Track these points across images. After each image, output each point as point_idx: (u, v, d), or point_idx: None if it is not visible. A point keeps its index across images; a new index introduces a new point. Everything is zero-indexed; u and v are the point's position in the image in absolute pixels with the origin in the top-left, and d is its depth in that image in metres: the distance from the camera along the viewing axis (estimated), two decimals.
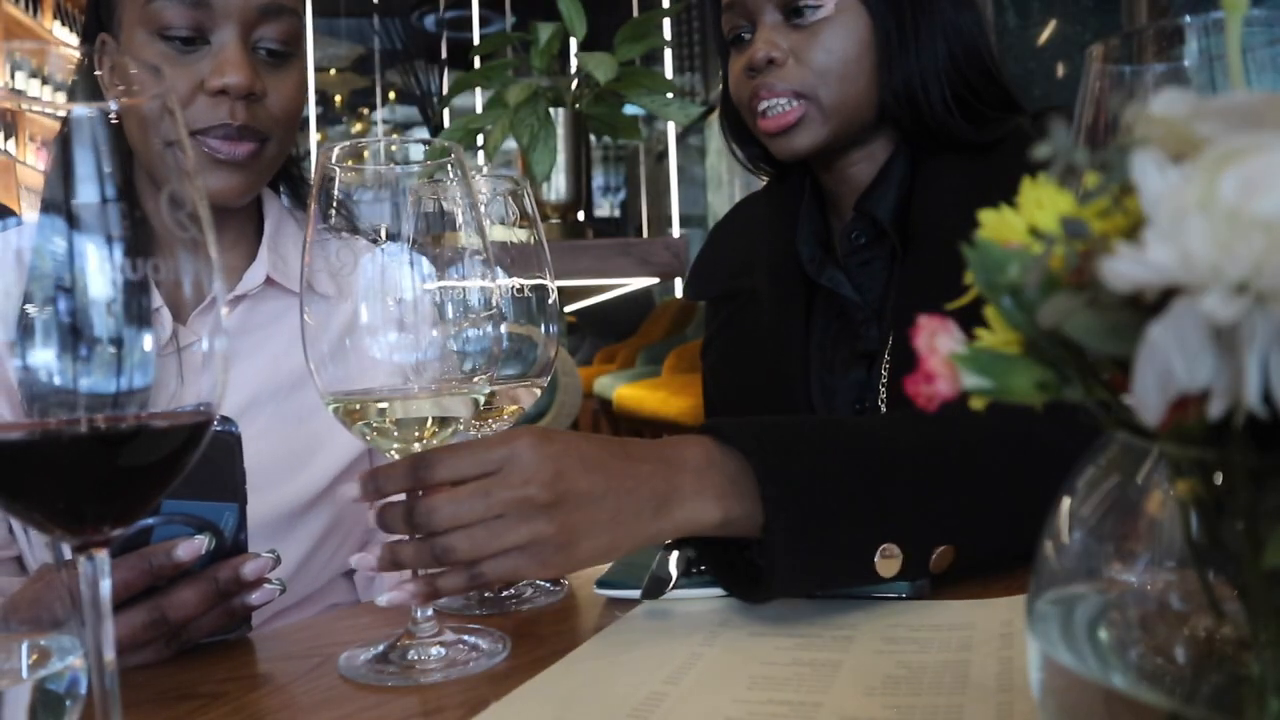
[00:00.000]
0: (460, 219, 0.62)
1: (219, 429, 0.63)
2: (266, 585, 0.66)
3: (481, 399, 0.64)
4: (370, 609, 0.81)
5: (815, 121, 0.97)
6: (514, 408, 0.76)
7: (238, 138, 0.86)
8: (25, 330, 0.36)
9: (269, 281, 0.95)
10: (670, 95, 2.19)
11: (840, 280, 1.03)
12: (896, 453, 0.66)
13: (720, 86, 1.12)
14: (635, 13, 7.07)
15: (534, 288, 0.75)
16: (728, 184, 6.62)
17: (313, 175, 0.65)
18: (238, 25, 0.86)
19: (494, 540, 0.60)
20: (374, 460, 1.03)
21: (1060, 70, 3.21)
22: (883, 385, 0.97)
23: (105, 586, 0.39)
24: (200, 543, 0.62)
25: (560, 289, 2.46)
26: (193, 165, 0.40)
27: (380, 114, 7.79)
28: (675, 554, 0.76)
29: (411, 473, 0.61)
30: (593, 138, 2.22)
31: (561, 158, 2.11)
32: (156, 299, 0.40)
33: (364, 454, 0.99)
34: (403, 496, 0.62)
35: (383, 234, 0.61)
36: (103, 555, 0.39)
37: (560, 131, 2.10)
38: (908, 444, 0.66)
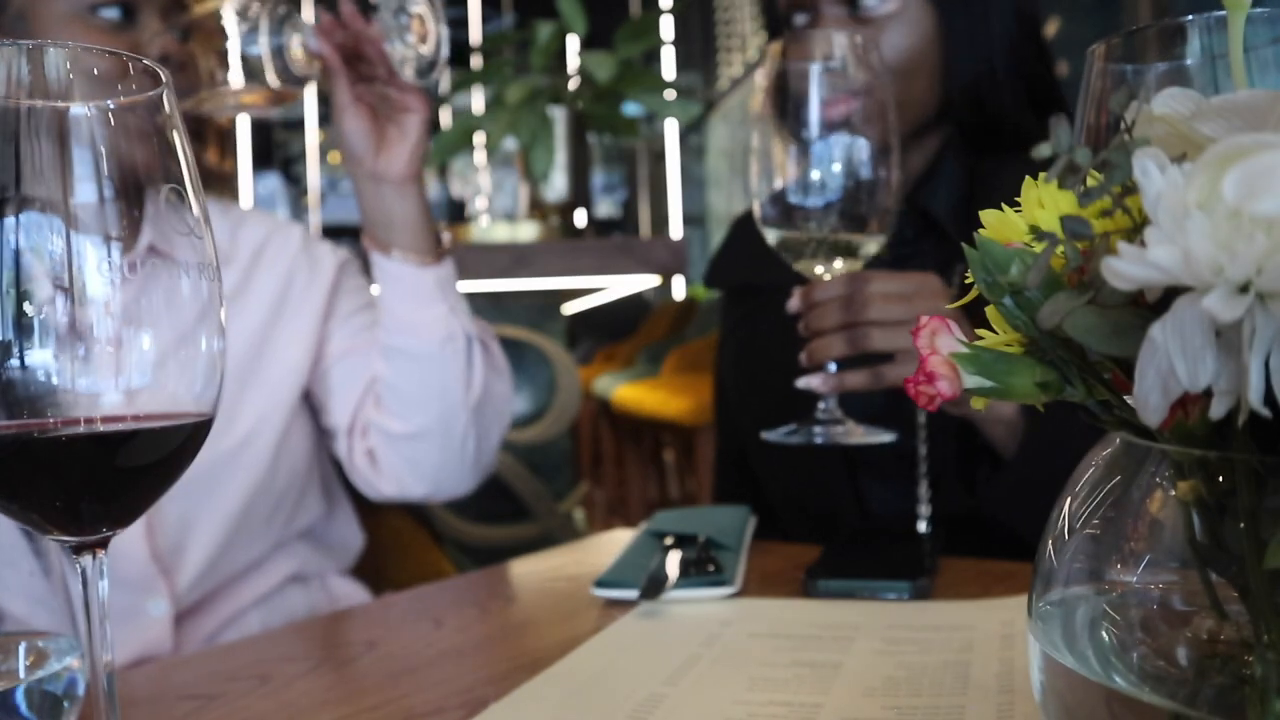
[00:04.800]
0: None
1: None
2: None
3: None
4: (367, 611, 0.81)
5: None
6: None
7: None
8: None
9: (155, 251, 1.01)
10: (670, 94, 2.19)
11: None
12: None
13: (715, 82, 1.10)
14: (635, 12, 7.06)
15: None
16: (727, 184, 6.61)
17: None
18: (159, 10, 0.92)
19: (901, 340, 0.75)
20: (326, 395, 1.02)
21: (1061, 70, 3.22)
22: None
23: (104, 587, 0.39)
24: None
25: (560, 289, 2.45)
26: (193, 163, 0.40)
27: None
28: (674, 554, 0.76)
29: (848, 282, 0.77)
30: (593, 136, 2.22)
31: (561, 157, 2.11)
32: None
33: (290, 400, 0.99)
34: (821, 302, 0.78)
35: None
36: (102, 555, 0.39)
37: (560, 131, 2.10)
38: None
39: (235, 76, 0.82)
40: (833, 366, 0.79)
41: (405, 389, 0.96)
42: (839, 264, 0.79)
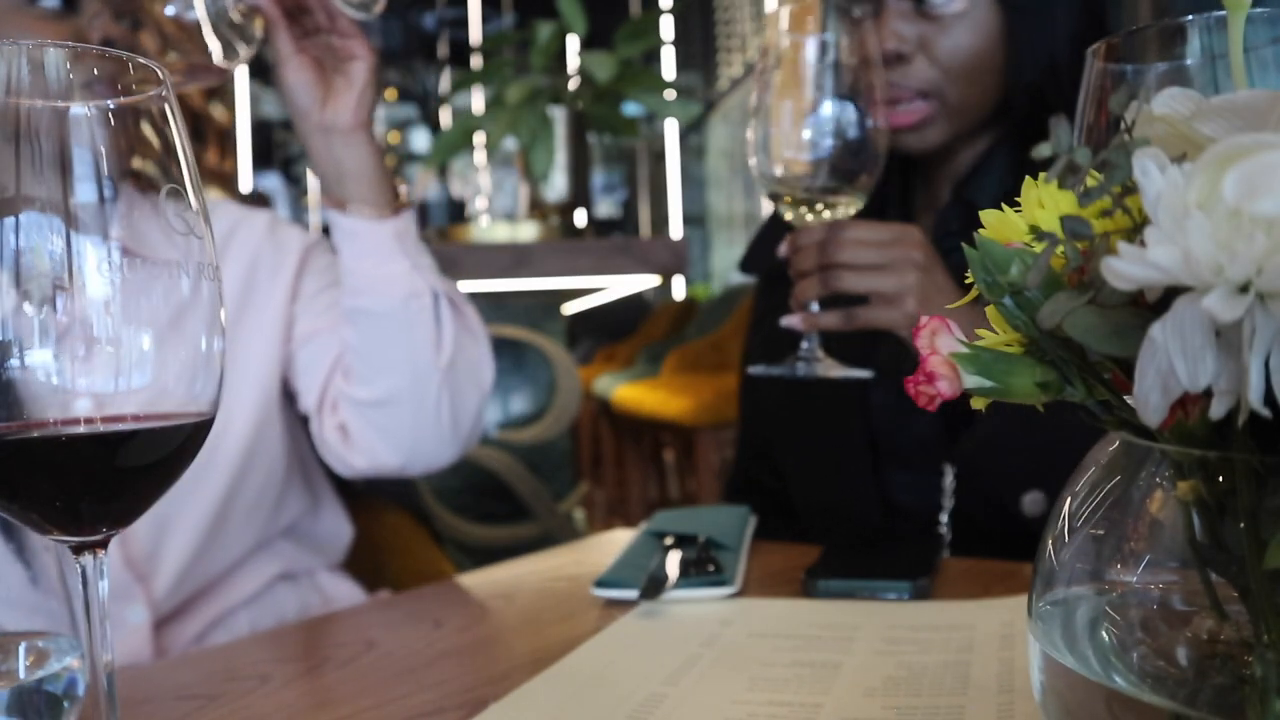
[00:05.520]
0: None
1: None
2: None
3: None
4: (367, 611, 0.81)
5: (941, 119, 0.94)
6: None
7: None
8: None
9: (125, 251, 0.98)
10: (670, 94, 2.19)
11: None
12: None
13: (715, 82, 1.10)
14: (635, 12, 7.06)
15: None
16: (728, 184, 6.61)
17: None
18: None
19: (875, 282, 0.78)
20: (296, 379, 0.98)
21: None
22: None
23: (104, 587, 0.39)
24: None
25: (560, 289, 2.44)
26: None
27: (380, 112, 7.78)
28: (674, 554, 0.76)
29: (827, 228, 0.80)
30: (593, 136, 2.22)
31: (561, 157, 2.11)
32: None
33: (263, 393, 0.96)
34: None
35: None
36: (102, 555, 0.39)
37: (560, 131, 2.10)
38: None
39: (214, 49, 0.80)
40: (815, 307, 0.82)
41: (371, 352, 0.92)
42: (828, 214, 0.82)
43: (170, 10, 0.79)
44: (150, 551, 0.88)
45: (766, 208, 1.25)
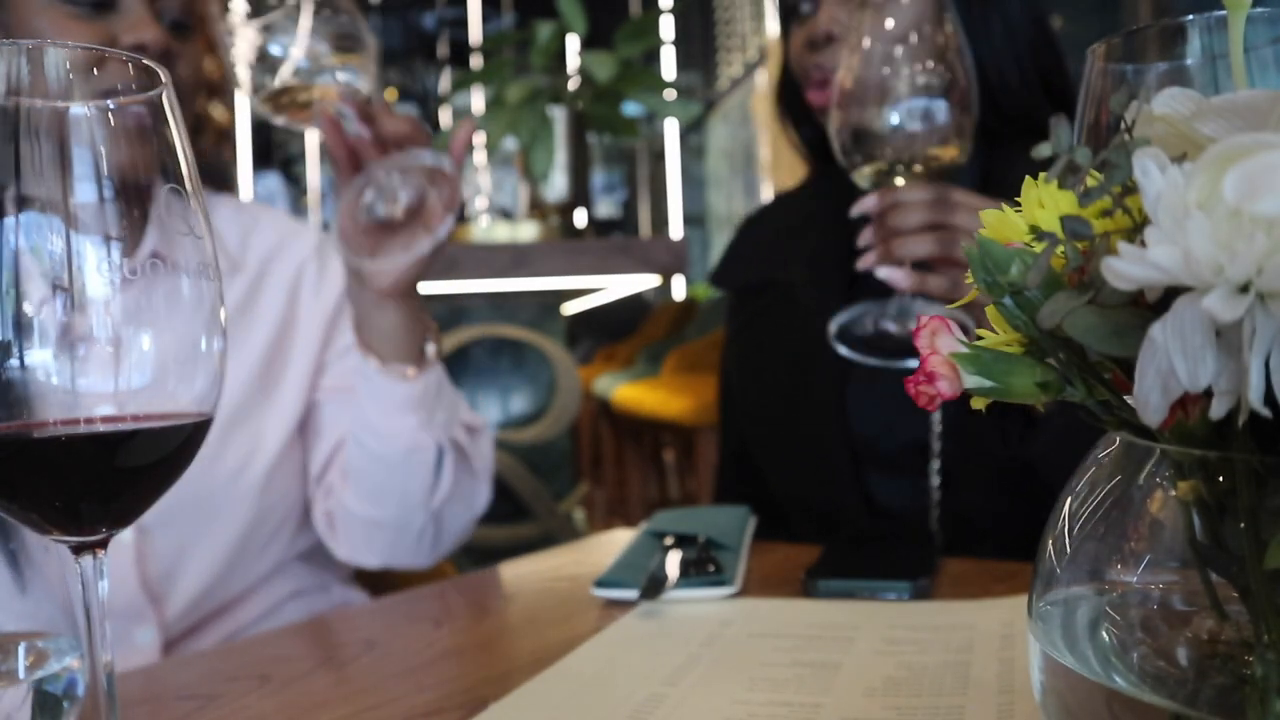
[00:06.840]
0: None
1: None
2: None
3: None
4: (367, 611, 0.81)
5: None
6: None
7: None
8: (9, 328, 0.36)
9: (157, 256, 0.97)
10: (670, 94, 2.19)
11: None
12: None
13: (715, 82, 1.10)
14: (635, 12, 7.06)
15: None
16: (727, 184, 6.61)
17: None
18: None
19: None
20: (309, 433, 0.97)
21: None
22: None
23: (103, 587, 0.39)
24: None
25: (560, 289, 2.44)
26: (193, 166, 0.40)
27: None
28: (674, 554, 0.76)
29: (936, 188, 0.75)
30: (593, 136, 2.23)
31: (561, 157, 2.11)
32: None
33: (294, 422, 0.95)
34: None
35: None
36: (102, 555, 0.39)
37: (560, 131, 2.10)
38: None
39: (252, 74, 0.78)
40: (889, 273, 0.78)
41: (365, 480, 0.92)
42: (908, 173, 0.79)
43: (275, 49, 0.77)
44: (167, 573, 0.88)
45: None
